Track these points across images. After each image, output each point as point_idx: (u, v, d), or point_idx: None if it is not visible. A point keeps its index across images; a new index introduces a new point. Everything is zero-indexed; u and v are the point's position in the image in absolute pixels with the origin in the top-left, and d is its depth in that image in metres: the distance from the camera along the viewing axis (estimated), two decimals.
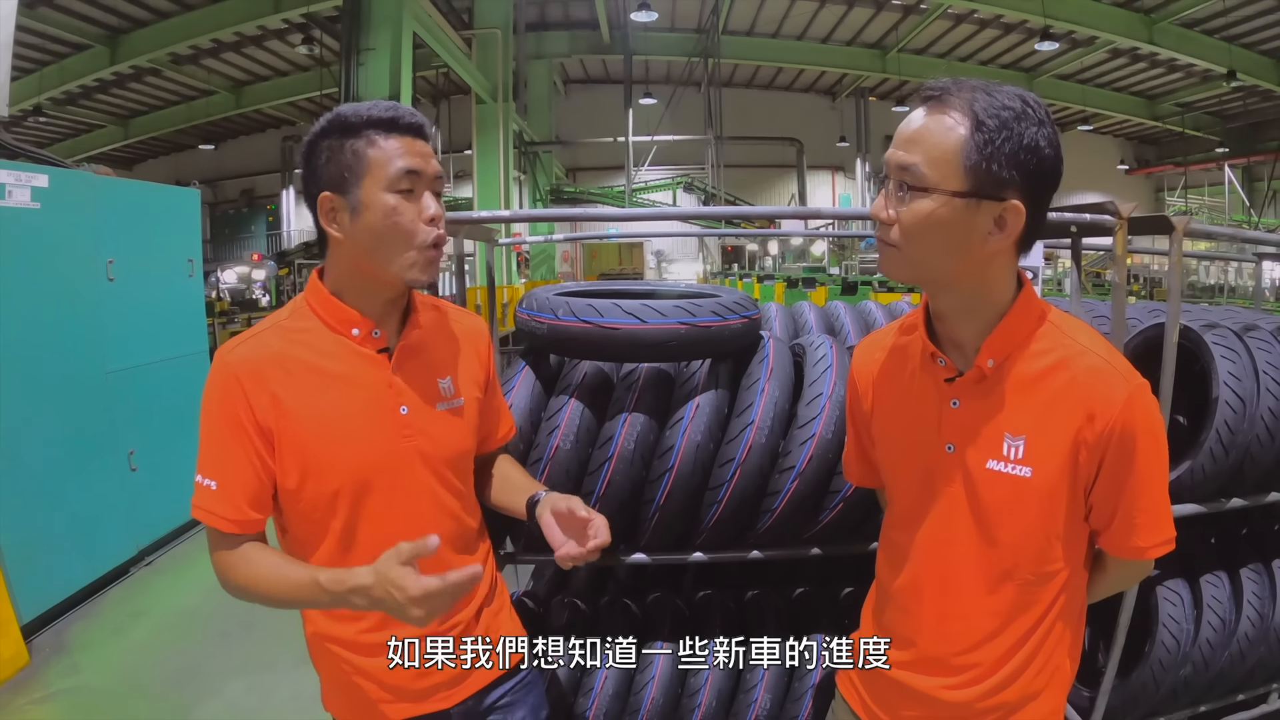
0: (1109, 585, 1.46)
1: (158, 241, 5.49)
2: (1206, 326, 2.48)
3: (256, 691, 3.64)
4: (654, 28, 21.89)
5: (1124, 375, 1.26)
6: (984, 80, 1.21)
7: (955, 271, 1.25)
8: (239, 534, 1.42)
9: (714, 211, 4.10)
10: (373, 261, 1.41)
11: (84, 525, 4.58)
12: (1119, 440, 1.24)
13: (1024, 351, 1.29)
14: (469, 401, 1.59)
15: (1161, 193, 32.99)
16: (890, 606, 1.49)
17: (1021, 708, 1.38)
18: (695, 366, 2.17)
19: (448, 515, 1.56)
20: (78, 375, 4.60)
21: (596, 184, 27.78)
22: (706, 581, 2.63)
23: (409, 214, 1.39)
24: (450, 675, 1.55)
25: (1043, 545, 1.31)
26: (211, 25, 17.94)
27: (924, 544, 1.40)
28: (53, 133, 24.17)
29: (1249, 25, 19.63)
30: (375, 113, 1.39)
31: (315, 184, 1.41)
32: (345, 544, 1.46)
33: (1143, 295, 19.77)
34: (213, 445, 1.41)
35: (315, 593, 1.33)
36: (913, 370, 1.41)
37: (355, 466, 1.44)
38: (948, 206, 1.18)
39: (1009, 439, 1.28)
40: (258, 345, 1.44)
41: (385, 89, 11.13)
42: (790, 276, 17.73)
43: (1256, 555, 2.71)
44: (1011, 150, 1.16)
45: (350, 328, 1.46)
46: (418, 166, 1.39)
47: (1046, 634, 1.36)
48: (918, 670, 1.42)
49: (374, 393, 1.46)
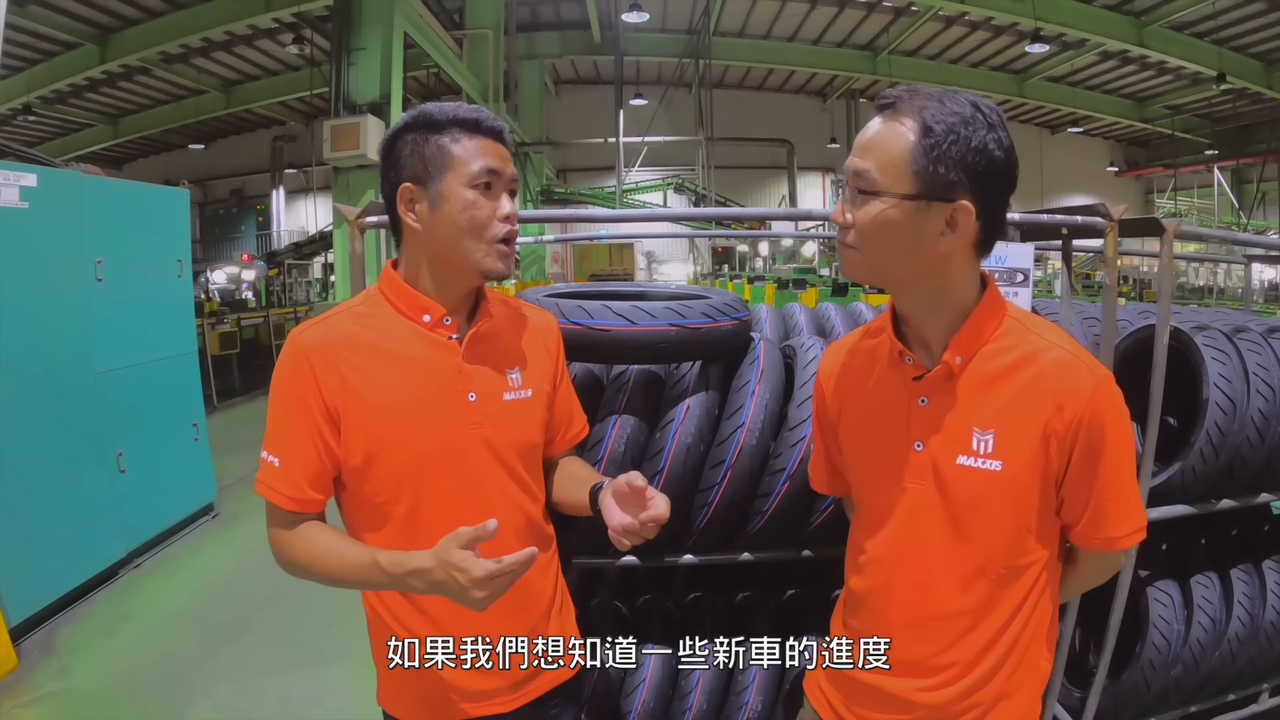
0: (1081, 581, 1.49)
1: (147, 242, 5.46)
2: (1197, 328, 2.49)
3: (246, 694, 3.63)
4: (645, 29, 21.85)
5: (1089, 366, 1.30)
6: (941, 89, 1.25)
7: (912, 272, 1.29)
8: (298, 512, 1.45)
9: (705, 213, 4.10)
10: (449, 251, 1.45)
11: (73, 527, 4.55)
12: (1088, 429, 1.27)
13: (990, 348, 1.32)
14: (538, 394, 1.60)
15: (1151, 195, 33.11)
16: (861, 610, 1.50)
17: (996, 706, 1.39)
18: (685, 368, 2.17)
19: (513, 506, 1.55)
20: (66, 376, 4.57)
21: (587, 185, 27.72)
22: (697, 583, 2.62)
23: (486, 209, 1.43)
24: (507, 682, 1.55)
25: (1014, 539, 1.33)
26: (202, 24, 17.83)
27: (894, 544, 1.41)
28: (42, 132, 24.04)
29: (1239, 28, 19.71)
30: (461, 113, 1.45)
31: (396, 174, 1.45)
32: (409, 529, 1.46)
33: (1132, 297, 19.86)
34: (279, 423, 1.45)
35: (373, 573, 1.35)
36: (880, 371, 1.43)
37: (421, 449, 1.46)
38: (898, 208, 1.23)
39: (978, 434, 1.31)
40: (330, 328, 1.47)
41: (376, 89, 11.11)
42: (781, 278, 17.77)
43: (1247, 556, 2.72)
44: (959, 154, 1.20)
45: (422, 314, 1.49)
46: (498, 166, 1.44)
47: (1021, 631, 1.37)
48: (891, 673, 1.43)
49: (443, 377, 1.48)
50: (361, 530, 1.50)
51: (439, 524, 1.41)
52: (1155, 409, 2.18)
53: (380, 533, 1.48)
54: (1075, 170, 32.05)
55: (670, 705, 2.27)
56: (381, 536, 1.47)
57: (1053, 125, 31.77)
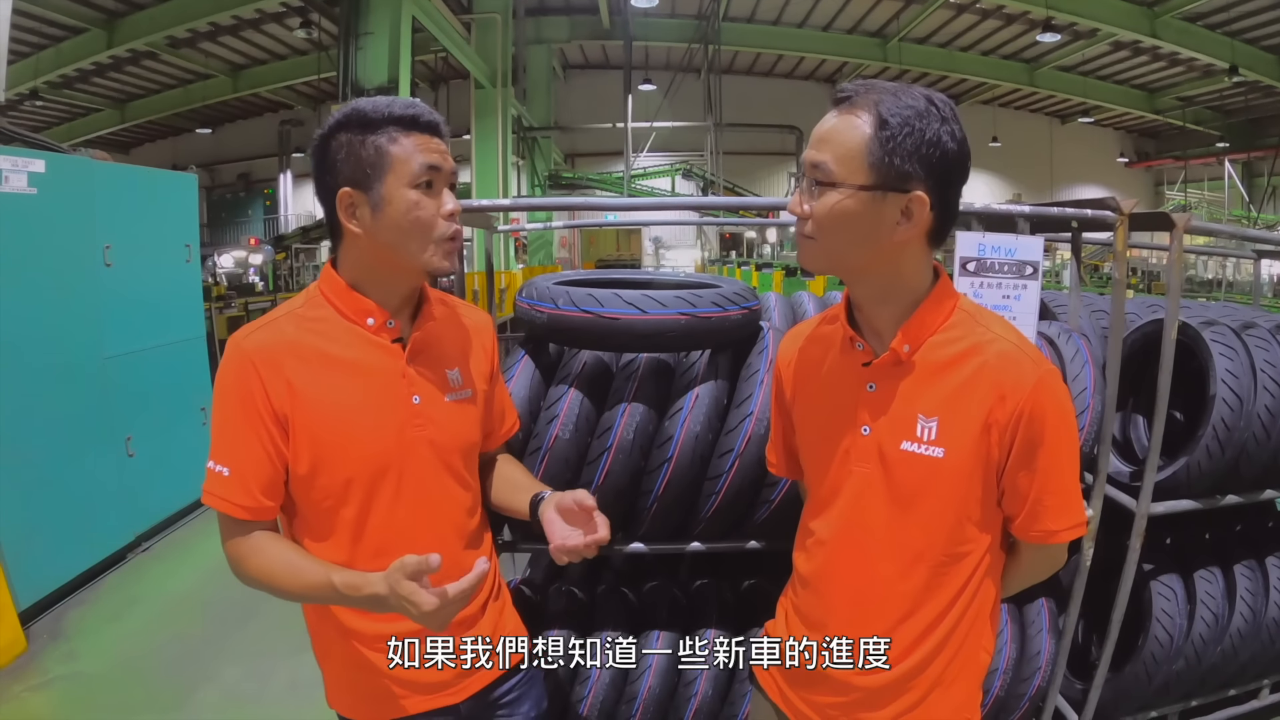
0: (1023, 574, 1.52)
1: (155, 227, 5.47)
2: (1205, 324, 2.48)
3: (254, 678, 3.65)
4: (654, 13, 21.80)
5: (1034, 360, 1.32)
6: (895, 84, 1.28)
7: (867, 261, 1.32)
8: (251, 520, 1.44)
9: (715, 202, 4.10)
10: (395, 254, 1.43)
11: (81, 511, 4.58)
12: (1028, 421, 1.30)
13: (938, 337, 1.35)
14: (476, 394, 1.62)
15: (1161, 186, 32.97)
16: (805, 592, 1.53)
17: (933, 692, 1.42)
18: (695, 357, 2.18)
19: (456, 506, 1.58)
20: (75, 361, 4.59)
21: (595, 169, 27.71)
22: (703, 569, 2.63)
23: (430, 209, 1.42)
24: (453, 674, 1.56)
25: (954, 526, 1.36)
26: (209, 8, 17.80)
27: (838, 526, 1.45)
28: (49, 117, 24.04)
29: (1251, 20, 19.59)
30: (395, 110, 1.40)
31: (332, 178, 1.42)
32: (356, 533, 1.48)
33: (1140, 289, 19.77)
34: (226, 431, 1.42)
35: (329, 593, 1.37)
36: (833, 357, 1.46)
37: (368, 454, 1.46)
38: (855, 199, 1.25)
39: (922, 420, 1.34)
40: (273, 332, 1.45)
41: (384, 73, 11.07)
42: (788, 264, 17.71)
43: (1250, 551, 2.73)
44: (914, 145, 1.23)
45: (365, 317, 1.48)
46: (438, 163, 1.42)
47: (959, 619, 1.40)
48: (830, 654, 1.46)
49: (387, 382, 1.48)
50: (307, 537, 1.50)
51: (386, 528, 1.47)
52: (1162, 403, 2.18)
53: (328, 541, 1.48)
54: (1085, 160, 31.92)
55: (676, 691, 2.28)
56: (329, 545, 1.48)
57: (1063, 115, 31.62)
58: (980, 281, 2.14)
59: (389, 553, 1.41)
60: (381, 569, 1.32)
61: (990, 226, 2.28)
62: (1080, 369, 2.18)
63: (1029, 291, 2.16)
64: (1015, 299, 2.15)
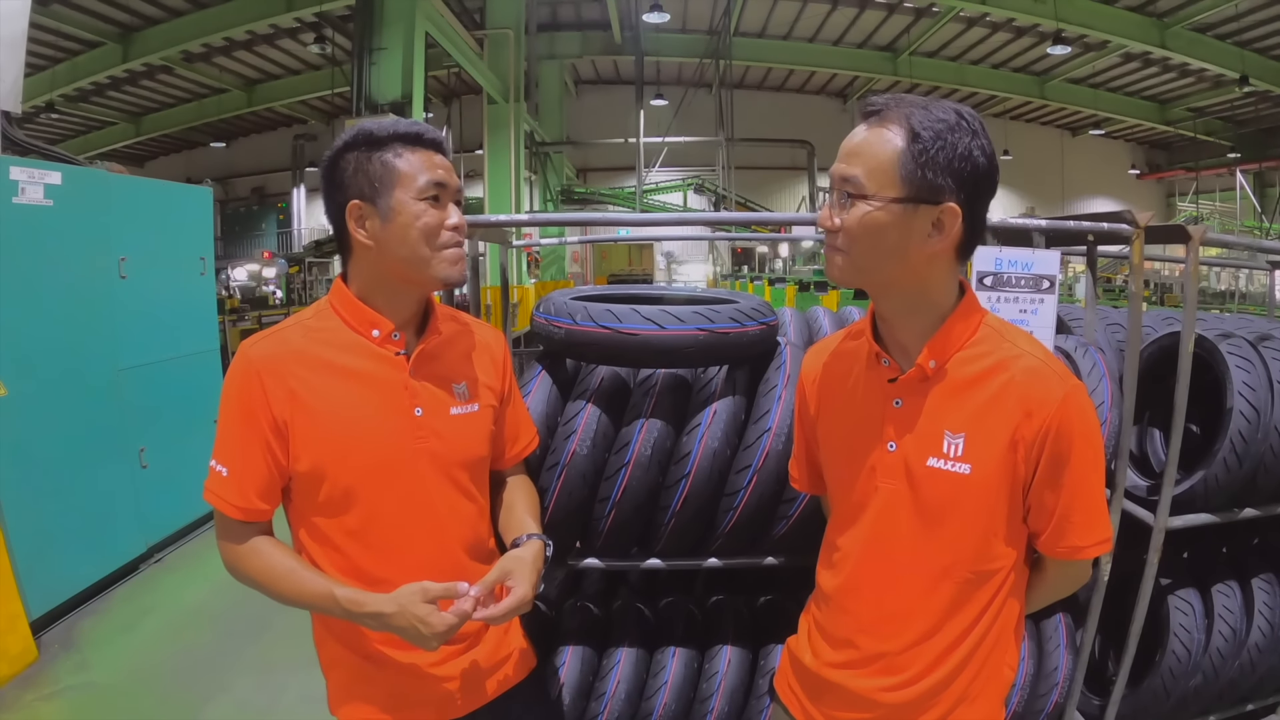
0: (1048, 590, 1.51)
1: (170, 239, 5.49)
2: (1221, 336, 2.47)
3: (266, 690, 3.64)
4: (665, 29, 21.87)
5: (1060, 376, 1.31)
6: (923, 97, 1.29)
7: (896, 274, 1.32)
8: (245, 521, 1.48)
9: (733, 217, 4.13)
10: (403, 264, 1.47)
11: (94, 522, 4.60)
12: (1055, 437, 1.29)
13: (965, 353, 1.35)
14: (484, 408, 1.63)
15: (1173, 198, 32.92)
16: (829, 608, 1.53)
17: (957, 709, 1.41)
18: (712, 372, 2.18)
19: (461, 519, 1.59)
20: (89, 373, 4.61)
21: (607, 184, 27.79)
22: (719, 585, 2.63)
23: (436, 219, 1.46)
24: (458, 688, 1.58)
25: (980, 543, 1.36)
26: (224, 23, 18.01)
27: (865, 542, 1.44)
28: (65, 129, 24.30)
29: (1261, 30, 19.58)
30: (401, 128, 1.47)
31: (342, 193, 1.47)
32: (358, 541, 1.49)
33: (1153, 301, 19.70)
34: (228, 433, 1.47)
35: (329, 605, 1.41)
36: (859, 373, 1.46)
37: (368, 462, 1.48)
38: (886, 211, 1.25)
39: (949, 436, 1.33)
40: (280, 341, 1.49)
41: (398, 89, 11.16)
42: (802, 280, 17.73)
43: (1268, 565, 2.71)
44: (946, 159, 1.23)
45: (371, 329, 1.51)
46: (444, 179, 1.47)
47: (983, 636, 1.40)
48: (856, 670, 1.46)
49: (390, 393, 1.51)
50: (311, 544, 1.52)
51: (388, 538, 1.49)
52: (1179, 417, 2.17)
53: (330, 548, 1.50)
54: (1096, 172, 31.90)
55: (692, 708, 2.27)
56: (330, 552, 1.50)
57: (1074, 127, 31.62)
58: (998, 296, 2.14)
59: (391, 562, 1.46)
60: (383, 577, 1.36)
61: (1001, 241, 2.28)
62: (1097, 383, 2.17)
63: (1046, 305, 2.16)
64: (1032, 313, 2.15)
